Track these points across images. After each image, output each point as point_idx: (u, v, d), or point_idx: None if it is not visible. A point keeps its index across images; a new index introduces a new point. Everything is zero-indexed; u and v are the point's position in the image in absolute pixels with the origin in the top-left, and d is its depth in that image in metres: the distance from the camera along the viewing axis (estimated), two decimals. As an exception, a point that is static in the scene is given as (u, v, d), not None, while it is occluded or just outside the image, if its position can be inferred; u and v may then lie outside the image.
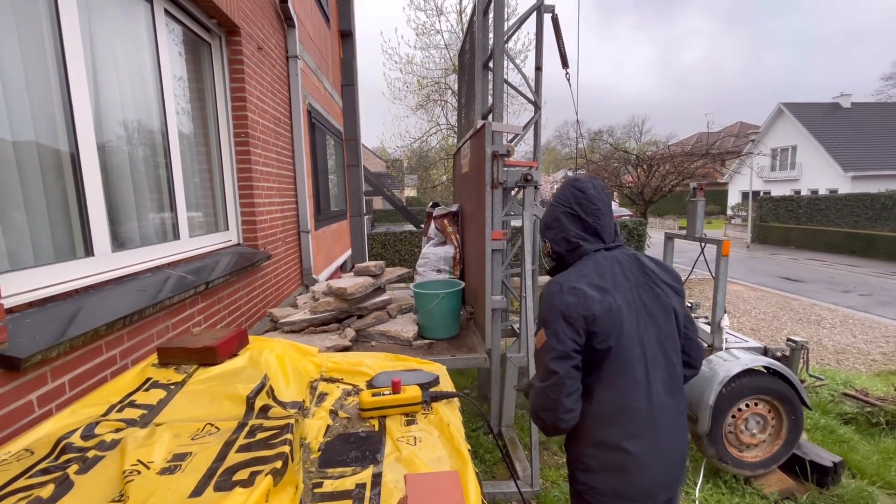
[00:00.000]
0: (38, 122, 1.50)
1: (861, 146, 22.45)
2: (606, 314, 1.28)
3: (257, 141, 3.13)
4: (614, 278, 1.34)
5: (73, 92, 1.61)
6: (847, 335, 7.18)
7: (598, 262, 1.38)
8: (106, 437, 1.02)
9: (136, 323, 1.71)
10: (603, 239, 1.44)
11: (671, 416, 1.33)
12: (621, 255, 1.41)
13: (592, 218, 1.42)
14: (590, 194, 1.44)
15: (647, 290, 1.36)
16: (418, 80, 14.25)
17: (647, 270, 1.40)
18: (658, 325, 1.34)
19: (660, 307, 1.36)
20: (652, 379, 1.31)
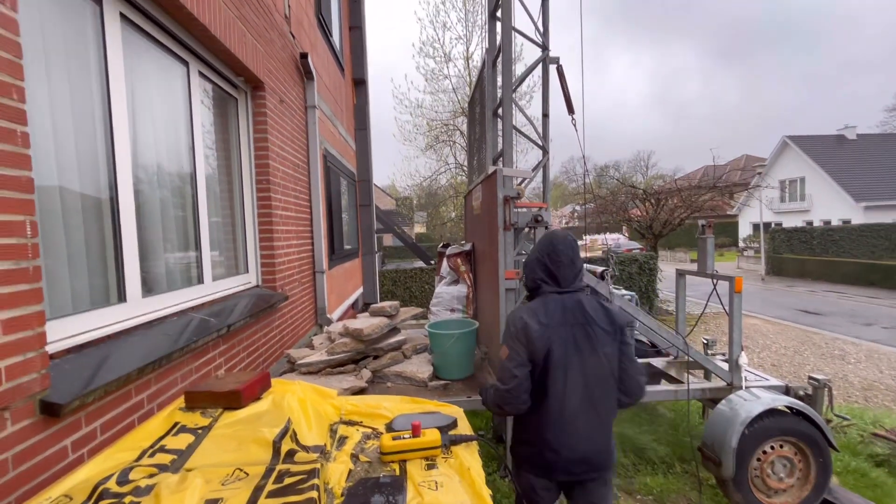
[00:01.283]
0: (83, 171, 1.62)
1: (871, 176, 22.43)
2: (539, 342, 1.75)
3: (277, 187, 3.28)
4: (554, 317, 1.78)
5: (117, 144, 1.75)
6: (873, 370, 6.95)
7: (547, 303, 1.82)
8: (140, 482, 1.06)
9: (164, 367, 1.76)
10: (559, 284, 1.85)
11: (582, 424, 1.77)
12: (569, 300, 1.82)
13: (554, 267, 1.85)
14: (558, 249, 1.86)
15: (580, 329, 1.78)
16: (427, 123, 14.79)
17: (586, 314, 1.80)
18: (583, 357, 1.76)
19: (588, 344, 1.77)
20: (569, 395, 1.75)
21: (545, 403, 1.78)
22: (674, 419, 3.89)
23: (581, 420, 1.77)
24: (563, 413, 1.77)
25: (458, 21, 14.72)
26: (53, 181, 1.48)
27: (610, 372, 1.79)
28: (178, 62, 2.30)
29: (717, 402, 2.85)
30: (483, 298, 3.04)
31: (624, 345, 1.81)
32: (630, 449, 3.36)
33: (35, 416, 1.18)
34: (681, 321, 3.48)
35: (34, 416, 1.18)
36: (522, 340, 1.76)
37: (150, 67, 2.07)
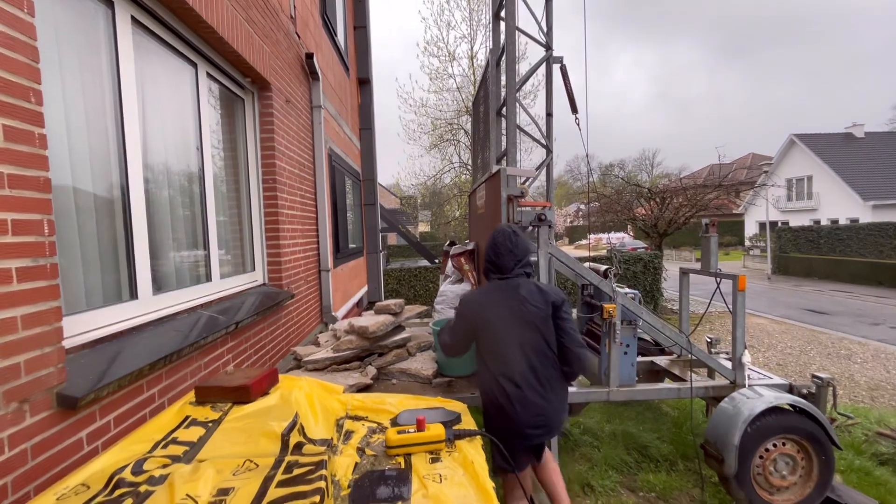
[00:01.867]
0: (96, 171, 1.66)
1: (879, 175, 22.20)
2: (476, 320, 2.12)
3: (283, 186, 3.32)
4: (491, 298, 2.14)
5: (128, 145, 1.79)
6: (880, 370, 6.90)
7: (490, 287, 2.19)
8: (154, 472, 1.10)
9: (175, 362, 1.80)
10: (501, 272, 2.16)
11: (529, 392, 2.02)
12: (506, 284, 2.14)
13: (496, 258, 2.17)
14: (497, 242, 2.18)
15: (515, 308, 2.07)
16: (432, 122, 14.81)
17: (519, 296, 2.09)
18: (520, 331, 2.05)
19: (523, 320, 2.06)
20: (512, 366, 2.03)
21: (493, 375, 2.06)
22: (677, 417, 3.90)
23: (527, 389, 2.03)
24: (511, 383, 2.03)
25: (463, 20, 14.69)
26: (67, 181, 1.52)
27: (547, 345, 2.07)
28: (187, 64, 2.34)
29: (721, 400, 2.86)
30: (487, 296, 3.05)
31: (559, 319, 2.10)
32: (633, 447, 3.38)
33: (52, 409, 1.22)
34: (684, 320, 3.49)
35: (51, 409, 1.22)
36: (463, 317, 2.16)
37: (159, 69, 2.10)
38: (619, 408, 4.03)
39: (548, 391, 2.06)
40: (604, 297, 2.84)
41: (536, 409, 2.03)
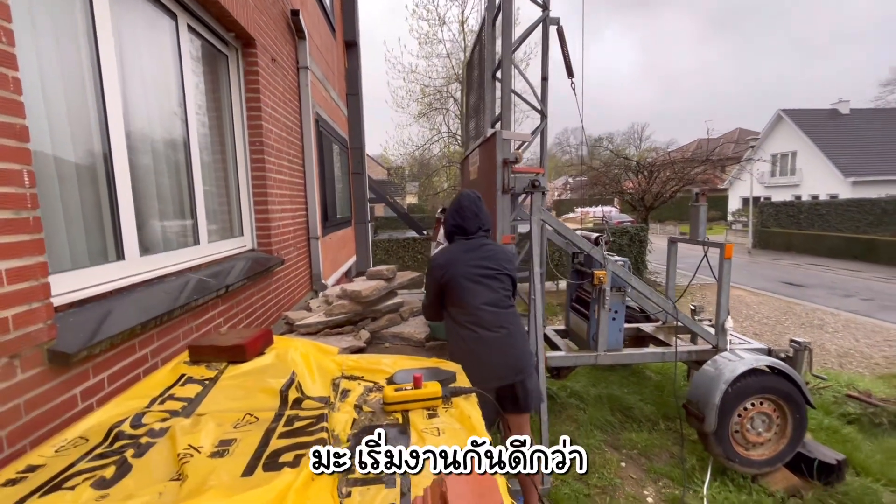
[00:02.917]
0: (76, 131, 1.58)
1: (861, 152, 22.57)
2: (444, 279, 2.25)
3: (271, 149, 3.22)
4: (456, 256, 2.28)
5: (108, 102, 1.70)
6: (850, 339, 7.21)
7: (454, 247, 2.35)
8: (154, 425, 1.09)
9: (166, 323, 1.78)
10: (466, 233, 2.34)
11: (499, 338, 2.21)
12: (472, 243, 2.32)
13: (461, 220, 2.35)
14: (463, 205, 2.37)
15: (478, 264, 2.26)
16: (421, 89, 14.44)
17: (482, 253, 2.29)
18: (484, 283, 2.24)
19: (486, 274, 2.25)
20: (481, 316, 2.21)
21: (462, 325, 2.22)
22: (659, 381, 4.05)
23: (496, 335, 2.22)
24: (480, 328, 2.21)
25: (453, -18, 14.13)
26: (46, 138, 1.45)
27: (507, 296, 2.31)
28: (167, 15, 2.21)
29: (703, 363, 2.97)
30: (479, 263, 3.06)
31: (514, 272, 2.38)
32: (617, 408, 3.51)
33: (44, 365, 1.20)
34: (670, 288, 3.56)
35: (43, 365, 1.20)
36: (432, 276, 2.30)
37: (138, 21, 1.98)
38: (604, 372, 4.16)
39: (514, 336, 2.28)
40: (594, 265, 2.88)
41: (505, 350, 2.23)
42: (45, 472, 0.90)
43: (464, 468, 0.78)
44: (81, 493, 0.82)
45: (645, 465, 2.89)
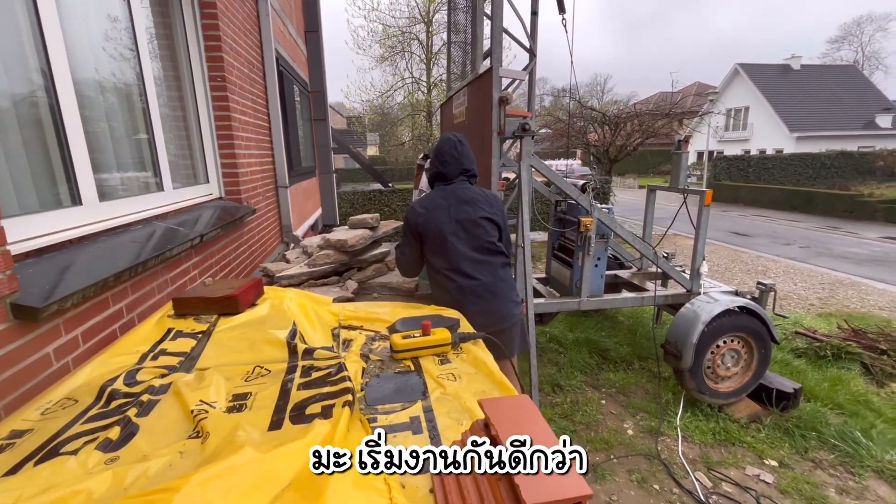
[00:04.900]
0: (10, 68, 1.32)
1: (806, 107, 23.67)
2: (421, 226, 2.15)
3: (234, 87, 2.90)
4: (434, 203, 2.17)
5: (47, 35, 1.42)
6: (789, 283, 7.83)
7: (436, 193, 2.22)
8: (153, 382, 0.99)
9: (140, 275, 1.61)
10: (446, 178, 2.23)
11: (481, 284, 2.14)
12: (448, 189, 2.21)
13: (440, 165, 2.24)
14: (443, 150, 2.24)
15: (460, 209, 2.15)
16: (384, 29, 13.51)
17: (465, 198, 2.18)
18: (465, 229, 2.14)
19: (466, 218, 2.15)
20: (461, 261, 2.13)
21: (444, 274, 2.15)
22: (631, 325, 4.26)
23: (478, 283, 2.15)
24: (460, 274, 2.14)
25: None
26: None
27: (490, 242, 2.18)
28: None
29: (676, 307, 3.11)
30: (465, 211, 2.98)
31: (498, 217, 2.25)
32: (595, 351, 3.68)
33: (9, 321, 1.04)
34: (647, 235, 3.66)
35: (8, 321, 1.04)
36: (410, 226, 2.18)
37: None
38: (580, 318, 4.32)
39: (497, 283, 2.19)
40: (580, 212, 2.87)
41: (488, 298, 2.16)
42: (36, 437, 0.79)
43: (464, 468, 0.75)
44: (87, 457, 0.72)
45: (623, 401, 3.07)
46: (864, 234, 11.83)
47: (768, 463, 2.54)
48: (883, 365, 3.56)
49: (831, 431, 2.71)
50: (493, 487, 0.72)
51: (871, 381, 3.48)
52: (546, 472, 0.67)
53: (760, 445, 2.64)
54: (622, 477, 2.44)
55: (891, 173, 19.23)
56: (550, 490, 0.64)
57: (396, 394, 1.18)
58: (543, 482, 0.65)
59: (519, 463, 0.68)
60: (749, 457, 2.59)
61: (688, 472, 2.45)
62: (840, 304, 6.20)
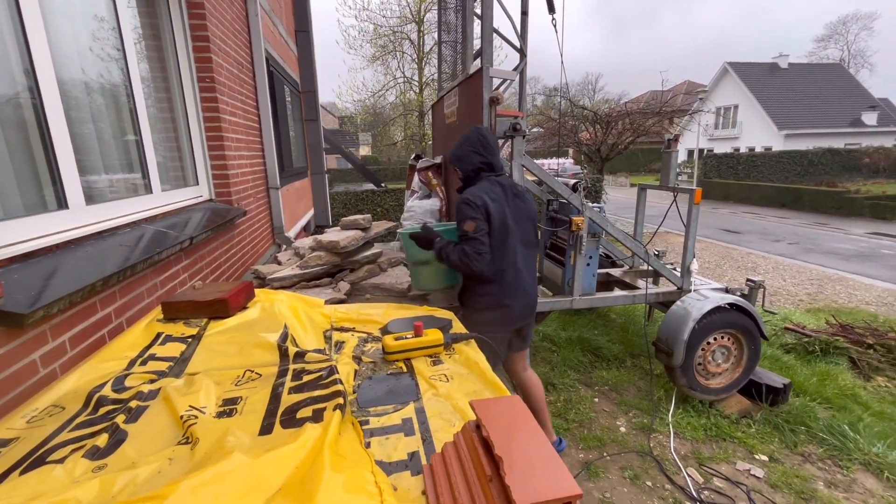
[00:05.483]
0: None
1: (794, 105, 23.97)
2: (495, 216, 2.09)
3: (223, 87, 2.88)
4: (499, 195, 2.16)
5: (30, 35, 1.40)
6: (778, 279, 7.91)
7: (492, 184, 2.18)
8: (142, 388, 0.98)
9: (129, 279, 1.59)
10: (494, 169, 2.22)
11: (524, 279, 2.22)
12: (504, 181, 2.23)
13: (489, 155, 2.20)
14: (489, 140, 2.21)
15: (514, 203, 2.19)
16: (375, 28, 13.48)
17: (517, 191, 2.24)
18: (519, 224, 2.20)
19: (520, 214, 2.21)
20: (516, 257, 2.18)
21: (501, 268, 2.16)
22: (623, 323, 4.29)
23: (523, 276, 2.22)
24: (514, 273, 2.18)
25: None
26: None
27: (534, 234, 2.29)
28: None
29: (667, 304, 3.13)
30: (457, 211, 2.98)
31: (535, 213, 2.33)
32: (587, 349, 3.70)
33: (-7, 328, 1.02)
34: (638, 234, 3.68)
35: (-8, 328, 1.02)
36: (483, 215, 2.09)
37: None
38: (572, 316, 4.34)
39: (534, 278, 2.31)
40: (571, 211, 2.88)
41: (528, 290, 2.25)
42: (22, 445, 0.78)
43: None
44: (74, 465, 0.71)
45: (616, 399, 3.09)
46: (852, 230, 12.01)
47: (759, 458, 2.57)
48: (869, 359, 3.62)
49: (820, 425, 2.75)
50: (484, 488, 0.72)
51: (859, 375, 3.54)
52: (536, 473, 0.68)
53: (751, 440, 2.67)
54: (615, 474, 2.46)
55: (876, 170, 19.54)
56: (540, 490, 0.64)
57: (389, 395, 1.18)
58: (534, 482, 0.66)
59: (510, 464, 0.68)
60: (740, 452, 2.62)
61: (680, 468, 2.47)
62: (828, 300, 6.28)
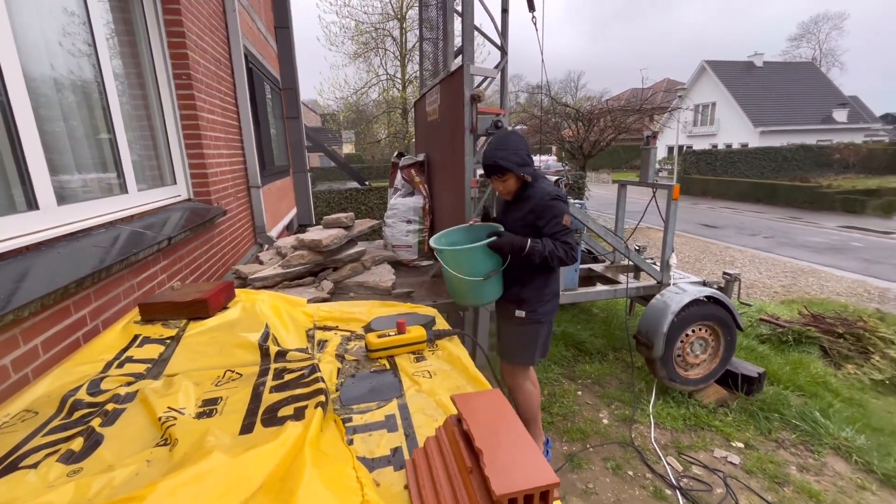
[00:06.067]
0: None
1: (769, 103, 24.60)
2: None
3: (201, 85, 2.83)
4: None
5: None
6: (754, 272, 8.14)
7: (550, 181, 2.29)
8: (118, 391, 0.96)
9: (104, 281, 1.56)
10: (532, 169, 2.26)
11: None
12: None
13: (530, 156, 2.23)
14: (524, 142, 2.26)
15: None
16: (356, 25, 13.35)
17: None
18: None
19: None
20: None
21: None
22: (605, 317, 4.37)
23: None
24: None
25: None
26: None
27: None
28: None
29: (647, 298, 3.20)
30: (442, 209, 3.00)
31: None
32: (571, 344, 3.75)
33: (-40, 333, 0.99)
34: (619, 229, 3.75)
35: (-41, 333, 0.99)
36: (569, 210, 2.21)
37: None
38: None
39: None
40: (553, 208, 2.91)
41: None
42: (-7, 452, 0.76)
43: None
44: (48, 470, 0.70)
45: (599, 391, 3.15)
46: (824, 224, 12.41)
47: (735, 445, 2.65)
48: (840, 348, 3.76)
49: (793, 412, 2.85)
50: (465, 480, 0.74)
51: (829, 363, 3.67)
52: (515, 464, 0.69)
53: (728, 429, 2.75)
54: (598, 465, 2.51)
55: (847, 165, 20.19)
56: (519, 481, 0.66)
57: (372, 393, 1.19)
58: (512, 473, 0.67)
59: (490, 456, 0.70)
60: (717, 440, 2.70)
61: (660, 458, 2.53)
62: (801, 291, 6.49)
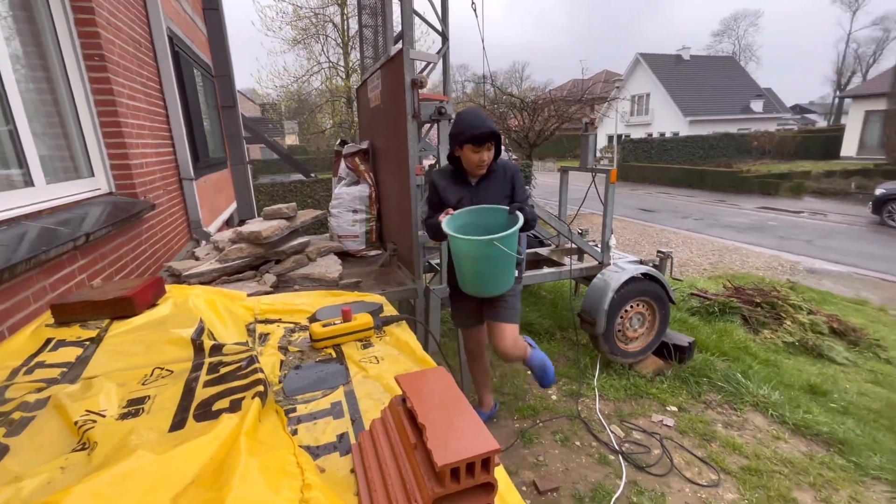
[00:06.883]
0: None
1: (697, 94, 26.40)
2: None
3: (118, 67, 2.59)
4: None
5: None
6: (686, 252, 8.77)
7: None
8: (27, 398, 0.87)
9: (8, 283, 1.40)
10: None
11: None
12: None
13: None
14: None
15: None
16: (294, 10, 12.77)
17: None
18: None
19: None
20: None
21: None
22: (553, 299, 4.54)
23: None
24: None
25: None
26: None
27: None
28: None
29: (590, 279, 3.36)
30: (388, 197, 2.96)
31: None
32: (521, 325, 3.86)
33: None
34: (562, 214, 3.88)
35: None
36: None
37: None
38: (505, 296, 4.50)
39: None
40: (499, 193, 2.96)
41: None
42: None
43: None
44: (-59, 488, 0.62)
45: (547, 370, 3.27)
46: (744, 206, 13.56)
47: (670, 409, 2.87)
48: (757, 316, 4.15)
49: (718, 376, 3.12)
50: (409, 456, 0.74)
51: (749, 329, 4.05)
52: (457, 436, 0.71)
53: (663, 395, 2.97)
54: (547, 439, 2.62)
55: (763, 152, 22.13)
56: (460, 450, 0.67)
57: (317, 383, 1.16)
58: (454, 444, 0.68)
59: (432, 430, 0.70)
60: (654, 406, 2.90)
61: (604, 427, 2.69)
62: (726, 267, 7.08)
